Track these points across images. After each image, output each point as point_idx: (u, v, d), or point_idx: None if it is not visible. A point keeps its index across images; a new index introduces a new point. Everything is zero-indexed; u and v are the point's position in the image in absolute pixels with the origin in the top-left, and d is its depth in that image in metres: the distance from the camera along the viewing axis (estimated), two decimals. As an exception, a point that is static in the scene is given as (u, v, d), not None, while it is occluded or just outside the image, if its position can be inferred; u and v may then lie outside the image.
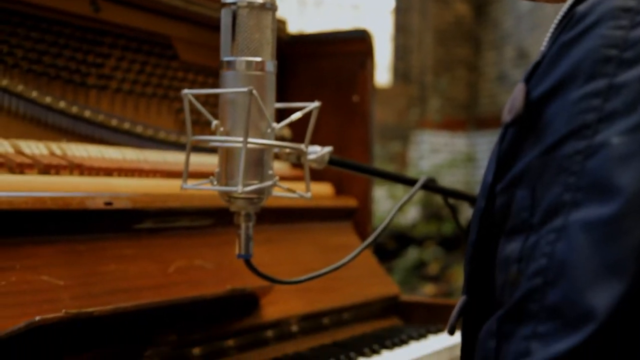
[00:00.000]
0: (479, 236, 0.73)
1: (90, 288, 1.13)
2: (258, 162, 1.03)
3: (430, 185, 1.27)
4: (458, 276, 5.38)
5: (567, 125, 0.64)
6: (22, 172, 1.17)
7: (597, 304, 0.59)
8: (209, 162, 1.55)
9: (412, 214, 6.43)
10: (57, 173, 1.23)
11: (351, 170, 1.19)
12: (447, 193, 1.31)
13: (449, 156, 6.94)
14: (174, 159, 1.49)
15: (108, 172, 1.31)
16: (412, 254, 5.69)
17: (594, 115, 0.63)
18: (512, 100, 0.69)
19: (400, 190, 5.81)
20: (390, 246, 5.66)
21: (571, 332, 0.60)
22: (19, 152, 1.20)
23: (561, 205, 0.63)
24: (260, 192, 1.04)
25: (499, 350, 0.64)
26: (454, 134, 7.06)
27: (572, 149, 0.63)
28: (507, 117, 0.69)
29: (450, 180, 6.49)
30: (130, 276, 1.20)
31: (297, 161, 1.12)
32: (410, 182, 1.26)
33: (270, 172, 1.05)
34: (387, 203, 5.86)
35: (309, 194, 1.08)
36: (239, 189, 0.99)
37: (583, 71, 0.64)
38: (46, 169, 1.21)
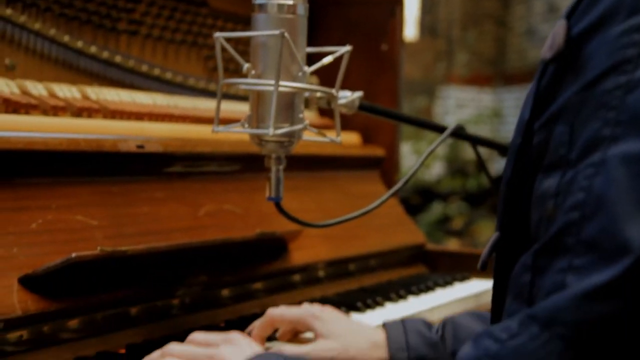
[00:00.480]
0: (514, 173, 0.74)
1: (123, 229, 1.16)
2: (289, 105, 1.04)
3: (460, 133, 1.26)
4: (482, 231, 5.39)
5: (608, 61, 0.63)
6: (55, 115, 1.19)
7: (634, 238, 0.59)
8: (239, 109, 1.56)
9: (436, 170, 6.42)
10: (90, 116, 1.25)
11: (381, 116, 1.19)
12: (476, 141, 1.31)
13: (474, 112, 6.89)
14: (203, 105, 1.50)
15: (139, 116, 1.33)
16: (436, 209, 5.70)
17: (635, 50, 0.63)
18: (553, 36, 0.69)
19: (424, 146, 5.79)
20: (415, 201, 5.67)
21: (607, 266, 0.60)
22: (53, 95, 1.22)
23: (600, 140, 0.63)
24: (290, 135, 1.05)
25: (533, 284, 0.65)
26: (480, 89, 6.99)
27: (612, 84, 0.63)
28: (547, 53, 0.69)
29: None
30: (161, 218, 1.23)
31: (327, 106, 1.13)
32: (439, 129, 1.26)
33: (300, 115, 1.05)
34: (411, 159, 5.86)
35: (339, 139, 1.09)
36: (270, 131, 1.00)
37: (625, 6, 0.63)
38: (79, 112, 1.22)
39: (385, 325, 1.08)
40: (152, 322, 1.15)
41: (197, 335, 0.95)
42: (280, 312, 1.10)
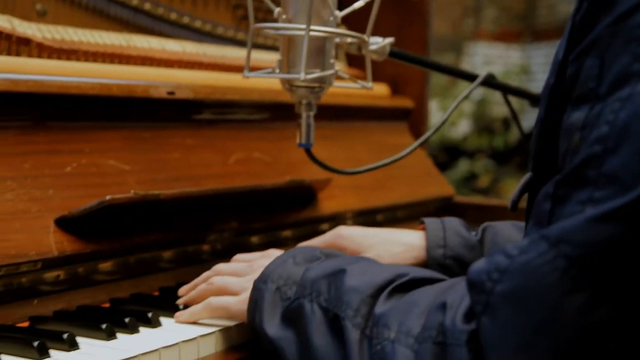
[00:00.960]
0: (547, 113, 0.73)
1: (155, 174, 1.17)
2: (320, 50, 1.03)
3: (490, 81, 1.25)
4: (508, 189, 5.36)
5: None
6: (87, 60, 1.20)
7: None
8: (267, 58, 1.55)
9: (463, 127, 6.37)
10: (120, 63, 1.25)
11: (411, 63, 1.18)
12: (506, 90, 1.30)
13: (502, 69, 6.79)
14: (231, 54, 1.49)
15: (169, 64, 1.33)
16: (462, 167, 5.67)
17: None
18: None
19: (451, 103, 5.73)
20: (441, 159, 5.64)
21: (624, 195, 0.61)
22: (84, 41, 1.22)
23: (630, 75, 0.62)
24: (321, 80, 1.04)
25: (552, 213, 0.66)
26: (508, 45, 6.88)
27: None
28: None
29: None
30: (191, 165, 1.24)
31: (358, 52, 1.12)
32: (470, 77, 1.25)
33: (331, 61, 1.05)
34: (438, 115, 5.81)
35: (370, 84, 1.08)
36: (301, 76, 1.00)
37: None
38: (110, 59, 1.23)
39: (425, 222, 1.10)
40: (184, 266, 1.17)
41: (239, 255, 1.06)
42: (308, 243, 1.12)
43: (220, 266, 1.02)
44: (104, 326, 0.88)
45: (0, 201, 0.96)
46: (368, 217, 1.55)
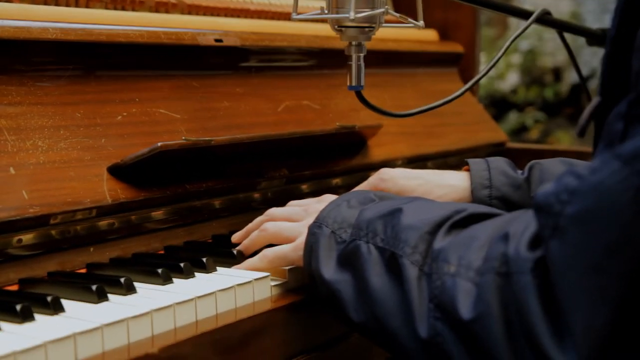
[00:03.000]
0: (618, 31, 0.70)
1: (205, 122, 1.16)
2: (369, -12, 1.00)
3: (546, 19, 1.20)
4: (559, 141, 5.26)
5: None
6: (134, 9, 1.19)
7: None
8: (312, 5, 1.53)
9: (512, 79, 6.24)
10: (167, 11, 1.24)
11: (464, 1, 1.15)
12: (563, 27, 1.25)
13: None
14: (278, 1, 1.47)
15: (215, 11, 1.32)
16: (512, 119, 5.57)
17: None
18: None
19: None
20: (490, 112, 5.55)
21: None
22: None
23: None
24: (371, 20, 1.02)
25: (626, 132, 0.63)
26: (559, -6, 6.67)
27: None
28: None
29: (552, 43, 6.20)
30: (241, 113, 1.23)
31: (408, -10, 1.09)
32: (524, 14, 1.20)
33: (381, -1, 1.02)
34: (483, 67, 5.69)
35: (421, 23, 1.05)
36: (350, 15, 0.98)
37: None
38: (157, 7, 1.22)
39: (469, 162, 1.08)
40: (235, 214, 1.17)
41: (294, 202, 1.04)
42: (351, 191, 1.10)
43: (274, 210, 1.01)
44: (160, 271, 0.89)
45: (55, 150, 0.96)
46: (418, 164, 1.53)
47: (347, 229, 0.84)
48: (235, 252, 0.98)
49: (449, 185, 1.06)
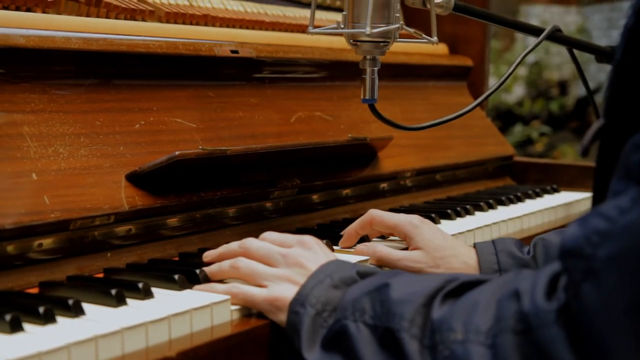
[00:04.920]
0: (624, 55, 0.71)
1: (220, 132, 1.19)
2: (385, 4, 1.03)
3: (556, 36, 1.23)
4: (564, 154, 5.27)
5: None
6: (152, 20, 1.21)
7: None
8: (325, 17, 1.55)
9: (517, 92, 6.26)
10: (184, 22, 1.27)
11: (476, 17, 1.17)
12: (572, 44, 1.27)
13: (559, 32, 6.63)
14: (292, 13, 1.50)
15: (231, 23, 1.34)
16: (517, 132, 5.59)
17: None
18: None
19: (505, 69, 5.63)
20: (496, 125, 5.57)
21: None
22: (145, 2, 1.24)
23: None
24: (386, 35, 1.04)
25: None
26: (566, 8, 6.71)
27: None
28: None
29: (559, 57, 6.23)
30: (255, 123, 1.25)
31: (423, 6, 1.11)
32: (535, 31, 1.23)
33: (397, 15, 1.04)
34: (492, 80, 5.72)
35: (435, 39, 1.08)
36: (367, 30, 1.00)
37: None
38: (174, 18, 1.24)
39: (475, 246, 1.07)
40: (248, 222, 1.19)
41: (271, 234, 0.96)
42: (381, 214, 1.11)
43: (250, 244, 0.93)
44: (176, 277, 0.91)
45: (76, 157, 0.99)
46: (428, 178, 1.55)
47: (331, 312, 0.81)
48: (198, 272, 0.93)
49: (464, 262, 1.05)
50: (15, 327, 0.74)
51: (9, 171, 0.91)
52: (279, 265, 0.90)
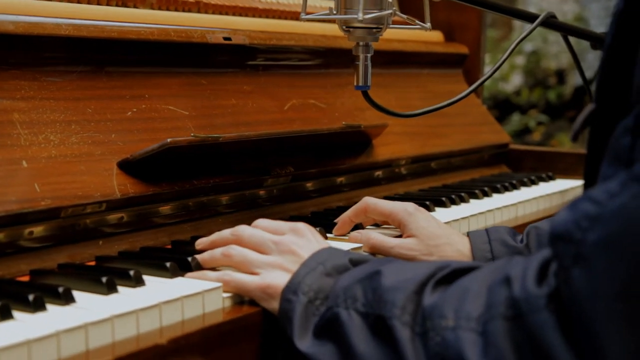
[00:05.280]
0: (614, 39, 0.71)
1: (213, 119, 1.18)
2: (377, -10, 1.02)
3: (551, 22, 1.22)
4: (562, 144, 5.27)
5: None
6: (143, 6, 1.20)
7: None
8: (319, 4, 1.54)
9: (515, 81, 6.25)
10: (176, 9, 1.26)
11: (470, 3, 1.16)
12: (567, 31, 1.26)
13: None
14: (285, 0, 1.49)
15: (224, 10, 1.33)
16: (515, 121, 5.59)
17: None
18: None
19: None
20: (493, 114, 5.56)
21: None
22: (141, -11, 1.23)
23: None
24: (379, 21, 1.03)
25: (633, 147, 0.63)
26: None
27: None
28: None
29: (557, 45, 6.21)
30: (249, 111, 1.25)
31: (416, -8, 1.10)
32: (529, 17, 1.22)
33: (389, 1, 1.03)
34: (487, 69, 5.70)
35: (428, 25, 1.07)
36: (359, 16, 0.99)
37: None
38: (166, 5, 1.24)
39: (469, 234, 1.07)
40: (241, 210, 1.19)
41: (264, 221, 0.95)
42: (375, 202, 1.10)
43: (243, 231, 0.93)
44: (168, 265, 0.91)
45: (67, 144, 0.98)
46: (423, 166, 1.55)
47: (323, 300, 0.81)
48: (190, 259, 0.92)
49: (457, 250, 1.05)
50: (4, 315, 0.73)
51: (-1, 158, 0.91)
52: (271, 253, 0.89)
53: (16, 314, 0.75)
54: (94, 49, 1.06)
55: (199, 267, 0.92)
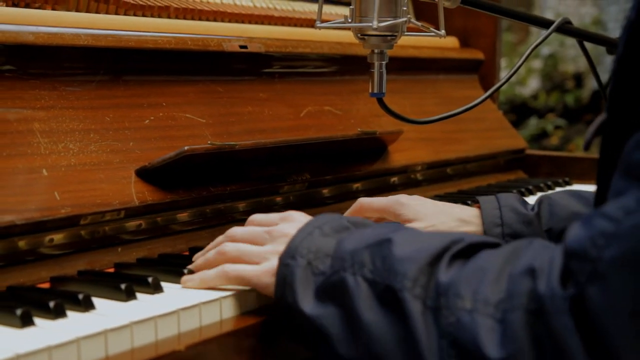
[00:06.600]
0: (626, 49, 0.71)
1: (229, 127, 1.19)
2: (392, -2, 1.03)
3: (566, 28, 1.22)
4: (579, 147, 5.24)
5: None
6: (160, 16, 1.22)
7: None
8: (334, 12, 1.55)
9: (532, 85, 6.22)
10: (193, 18, 1.27)
11: (484, 10, 1.16)
12: (583, 36, 1.26)
13: (574, 23, 6.58)
14: (301, 8, 1.50)
15: (240, 18, 1.34)
16: (532, 125, 5.56)
17: None
18: None
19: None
20: (510, 118, 5.54)
21: None
22: (158, -2, 1.24)
23: None
24: (394, 28, 1.04)
25: None
26: (581, 0, 6.65)
27: None
28: None
29: (574, 49, 6.18)
30: (265, 118, 1.25)
31: (431, 0, 1.11)
32: (544, 23, 1.22)
33: (404, 8, 1.04)
34: (504, 74, 5.69)
35: (442, 32, 1.07)
36: (374, 24, 1.00)
37: None
38: (184, 14, 1.25)
39: (479, 200, 1.09)
40: (258, 217, 1.19)
41: (257, 216, 0.94)
42: (369, 200, 1.12)
43: (234, 230, 0.91)
44: (185, 271, 0.91)
45: (86, 152, 1.00)
46: (439, 171, 1.55)
47: (324, 259, 0.78)
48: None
49: (461, 220, 1.06)
50: (26, 321, 0.75)
51: (19, 167, 0.92)
52: (265, 243, 0.87)
53: (37, 320, 0.76)
54: (112, 59, 1.08)
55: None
